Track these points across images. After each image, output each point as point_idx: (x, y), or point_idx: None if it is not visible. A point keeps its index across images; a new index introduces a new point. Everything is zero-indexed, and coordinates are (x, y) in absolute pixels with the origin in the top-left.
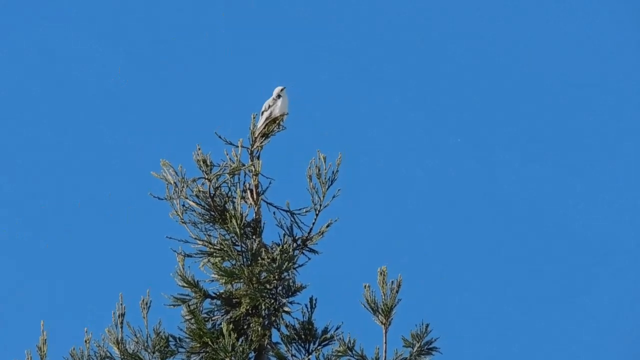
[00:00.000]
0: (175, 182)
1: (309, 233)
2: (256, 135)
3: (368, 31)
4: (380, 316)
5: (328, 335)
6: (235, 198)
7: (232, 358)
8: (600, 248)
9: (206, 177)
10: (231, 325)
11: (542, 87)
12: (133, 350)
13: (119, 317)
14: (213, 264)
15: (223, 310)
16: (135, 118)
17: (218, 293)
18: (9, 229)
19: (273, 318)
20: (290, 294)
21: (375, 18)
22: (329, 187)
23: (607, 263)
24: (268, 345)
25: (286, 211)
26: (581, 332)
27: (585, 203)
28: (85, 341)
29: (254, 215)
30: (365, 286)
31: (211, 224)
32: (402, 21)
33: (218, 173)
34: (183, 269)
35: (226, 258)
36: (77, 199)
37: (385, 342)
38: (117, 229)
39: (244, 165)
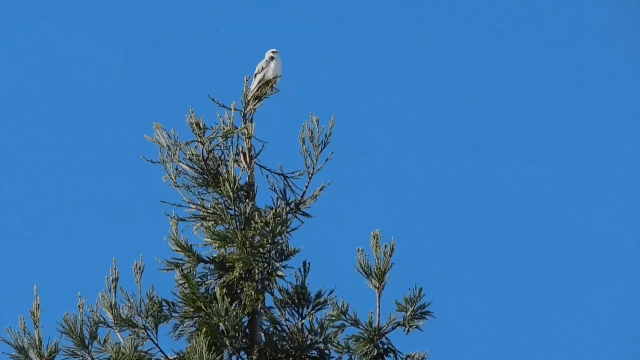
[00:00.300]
0: (168, 146)
1: (302, 197)
2: (249, 98)
3: (368, 31)
4: (373, 280)
5: (322, 300)
6: (229, 161)
7: (226, 323)
8: (600, 248)
9: (199, 140)
10: (225, 290)
11: (541, 87)
12: (127, 315)
13: (112, 282)
14: (206, 228)
15: (216, 275)
16: (135, 118)
17: (211, 257)
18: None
19: (267, 282)
20: (283, 258)
21: (375, 18)
22: (322, 150)
23: (607, 263)
24: (262, 310)
25: (279, 175)
26: (581, 332)
27: (585, 203)
28: (79, 306)
29: (248, 178)
30: (358, 250)
31: (204, 187)
32: (402, 21)
33: (211, 136)
34: (176, 233)
35: (220, 222)
36: (77, 199)
37: (379, 307)
38: (110, 193)
39: (237, 128)
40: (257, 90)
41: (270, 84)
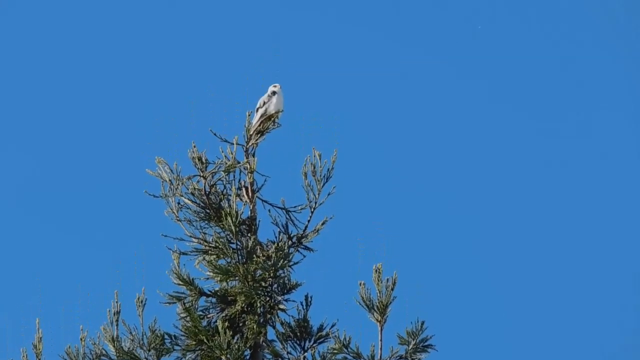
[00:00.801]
0: (170, 180)
1: (304, 231)
2: (251, 133)
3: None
4: (375, 314)
5: (323, 333)
6: (231, 196)
7: (228, 356)
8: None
9: (201, 174)
10: (226, 323)
11: (541, 87)
12: (128, 348)
13: (114, 314)
14: (208, 261)
15: (218, 308)
16: (137, 152)
17: (213, 291)
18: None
19: (268, 316)
20: (285, 291)
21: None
22: (324, 184)
23: (607, 262)
24: (263, 343)
25: (281, 209)
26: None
27: (586, 202)
28: (81, 339)
29: (249, 212)
30: (360, 284)
31: (206, 221)
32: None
33: (213, 171)
34: (178, 266)
35: (221, 256)
36: (74, 198)
37: (381, 340)
38: (112, 227)
39: (239, 162)
40: (259, 125)
41: (272, 119)
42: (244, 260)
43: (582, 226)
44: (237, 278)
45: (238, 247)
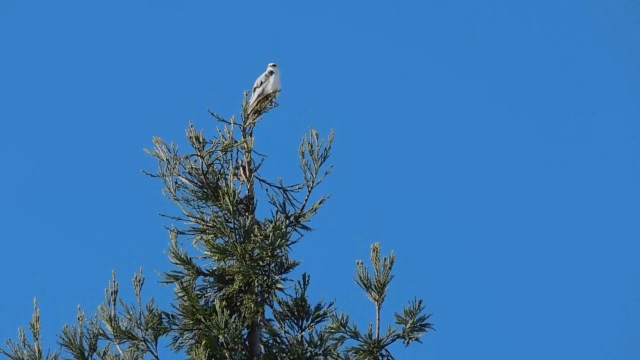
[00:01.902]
0: (167, 159)
1: (301, 210)
2: (248, 112)
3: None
4: (373, 293)
5: (321, 312)
6: (228, 175)
7: (225, 335)
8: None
9: (199, 154)
10: (224, 302)
11: (541, 87)
12: (126, 328)
13: (111, 294)
14: (206, 241)
15: (216, 287)
16: (134, 132)
17: (211, 270)
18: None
19: (266, 295)
20: (283, 270)
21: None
22: (321, 163)
23: (607, 262)
24: (261, 322)
25: (279, 188)
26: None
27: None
28: (78, 318)
29: (247, 192)
30: (358, 263)
31: (204, 201)
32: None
33: (211, 150)
34: (176, 246)
35: (219, 235)
36: (74, 198)
37: (379, 319)
38: (110, 206)
39: (236, 142)
40: (257, 104)
41: (270, 98)
42: (242, 239)
43: (582, 226)
44: (234, 257)
45: (235, 226)
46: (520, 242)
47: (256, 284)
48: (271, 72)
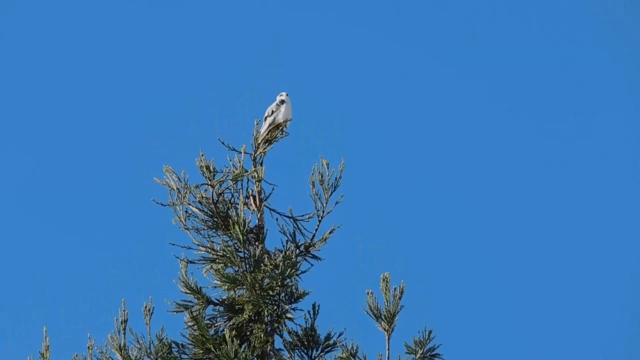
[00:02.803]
0: (178, 188)
1: (311, 239)
2: (259, 142)
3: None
4: (383, 322)
5: (331, 342)
6: (238, 204)
7: None
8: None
9: (209, 183)
10: (234, 332)
11: (541, 87)
12: (136, 357)
13: (121, 323)
14: (216, 270)
15: (226, 317)
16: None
17: (221, 299)
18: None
19: (276, 324)
20: (292, 300)
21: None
22: (331, 193)
23: (607, 262)
24: (271, 352)
25: (289, 217)
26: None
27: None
28: (88, 347)
29: (257, 221)
30: (368, 292)
31: (214, 230)
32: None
33: (221, 179)
34: (186, 275)
35: (229, 264)
36: (74, 198)
37: (388, 349)
38: (120, 234)
39: (247, 171)
40: (267, 134)
41: (281, 128)
42: (252, 268)
43: (582, 226)
44: (244, 287)
45: (245, 255)
46: (520, 243)
47: (266, 313)
48: (282, 102)
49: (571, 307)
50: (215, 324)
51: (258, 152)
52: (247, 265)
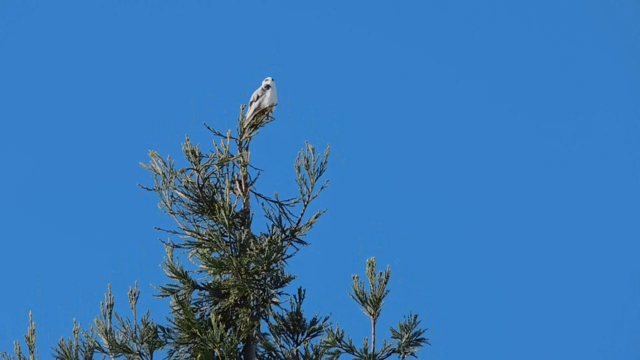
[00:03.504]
0: (163, 173)
1: (297, 224)
2: (245, 126)
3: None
4: (368, 307)
5: (316, 326)
6: (224, 189)
7: (221, 349)
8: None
9: (195, 167)
10: (219, 316)
11: (542, 87)
12: (121, 341)
13: (107, 307)
14: (201, 254)
15: (211, 301)
16: (130, 145)
17: (206, 284)
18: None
19: (261, 309)
20: (278, 284)
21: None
22: (317, 178)
23: (607, 262)
24: (256, 336)
25: (275, 202)
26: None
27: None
28: (74, 332)
29: (243, 206)
30: (353, 277)
31: (200, 214)
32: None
33: (207, 164)
34: (172, 259)
35: (215, 249)
36: (74, 198)
37: (374, 333)
38: (105, 219)
39: (232, 156)
40: (253, 118)
41: (266, 112)
42: (237, 253)
43: (582, 226)
44: (230, 271)
45: (231, 240)
46: (520, 243)
47: (252, 297)
48: (267, 86)
49: (571, 307)
50: (201, 308)
51: (244, 137)
52: (233, 250)
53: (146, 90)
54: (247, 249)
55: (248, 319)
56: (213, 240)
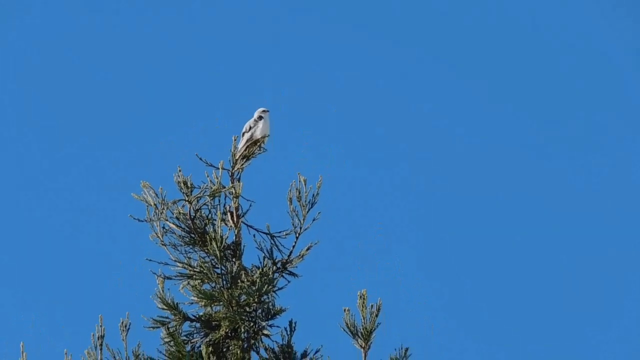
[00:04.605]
0: (155, 204)
1: (289, 256)
2: (237, 157)
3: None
4: (359, 340)
5: (307, 359)
6: (216, 220)
7: None
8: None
9: (187, 199)
10: (210, 348)
11: (542, 87)
12: None
13: (98, 339)
14: (193, 286)
15: (202, 333)
16: (122, 177)
17: (197, 315)
18: None
19: (252, 341)
20: (269, 317)
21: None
22: (309, 210)
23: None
24: None
25: (266, 234)
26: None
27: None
28: None
29: (234, 237)
30: (345, 310)
31: (191, 246)
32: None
33: (199, 195)
34: (163, 291)
35: (206, 280)
36: (60, 219)
37: None
38: (97, 250)
39: (224, 187)
40: (245, 149)
41: (258, 144)
42: (229, 285)
43: (582, 226)
44: (221, 303)
45: (223, 272)
46: (521, 243)
47: (243, 330)
48: (260, 117)
49: (571, 307)
50: (192, 340)
51: (236, 168)
52: (224, 282)
53: (147, 91)
54: (239, 280)
55: (239, 351)
56: (204, 272)
